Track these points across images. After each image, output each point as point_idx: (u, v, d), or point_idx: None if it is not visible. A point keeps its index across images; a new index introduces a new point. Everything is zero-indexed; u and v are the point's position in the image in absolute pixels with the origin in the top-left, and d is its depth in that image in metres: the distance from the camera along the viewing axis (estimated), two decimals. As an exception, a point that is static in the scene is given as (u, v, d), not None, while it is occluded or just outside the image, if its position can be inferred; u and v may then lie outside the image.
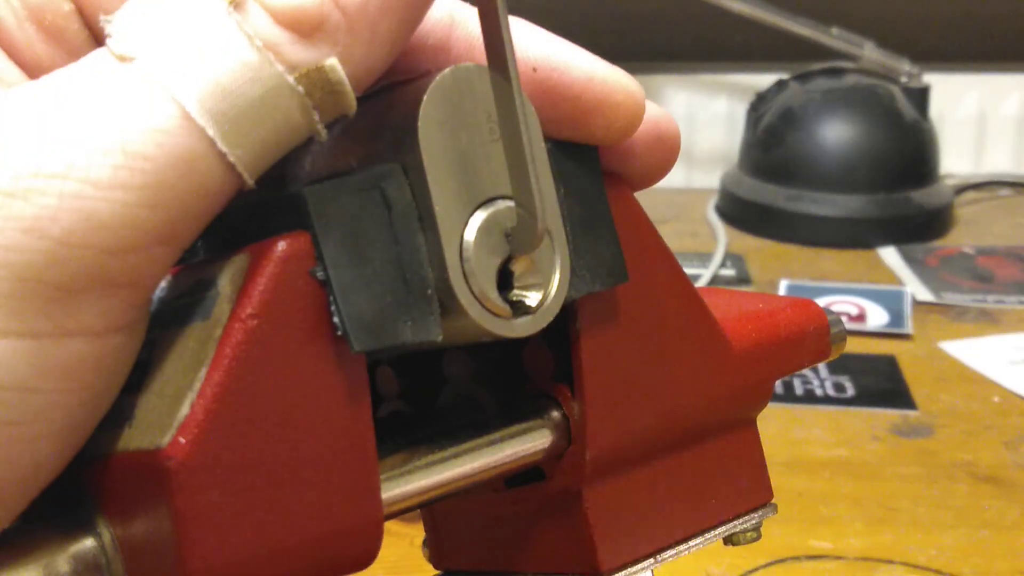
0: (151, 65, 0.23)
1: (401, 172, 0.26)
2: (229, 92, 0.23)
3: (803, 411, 0.87)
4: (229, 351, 0.23)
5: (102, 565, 0.24)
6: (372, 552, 0.26)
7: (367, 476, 0.25)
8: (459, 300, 0.26)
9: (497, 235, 0.26)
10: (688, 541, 0.32)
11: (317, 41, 0.23)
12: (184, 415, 0.23)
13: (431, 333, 0.25)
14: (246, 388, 0.23)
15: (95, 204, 0.22)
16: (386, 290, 0.25)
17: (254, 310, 0.24)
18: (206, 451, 0.23)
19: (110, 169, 0.22)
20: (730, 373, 0.32)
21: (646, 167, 0.30)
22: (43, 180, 0.22)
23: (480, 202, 0.26)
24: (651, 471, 0.31)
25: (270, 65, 0.23)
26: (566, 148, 0.28)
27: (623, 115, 0.28)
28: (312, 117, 0.24)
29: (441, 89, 0.26)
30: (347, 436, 0.25)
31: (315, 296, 0.24)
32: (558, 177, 0.28)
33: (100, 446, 0.24)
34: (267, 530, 0.24)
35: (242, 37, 0.23)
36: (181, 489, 0.23)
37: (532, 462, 0.30)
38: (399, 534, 0.62)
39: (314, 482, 0.24)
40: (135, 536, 0.24)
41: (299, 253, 0.24)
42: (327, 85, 0.24)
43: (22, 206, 0.21)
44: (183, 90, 0.22)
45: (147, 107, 0.22)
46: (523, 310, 0.27)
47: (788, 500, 0.74)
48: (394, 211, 0.25)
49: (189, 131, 0.22)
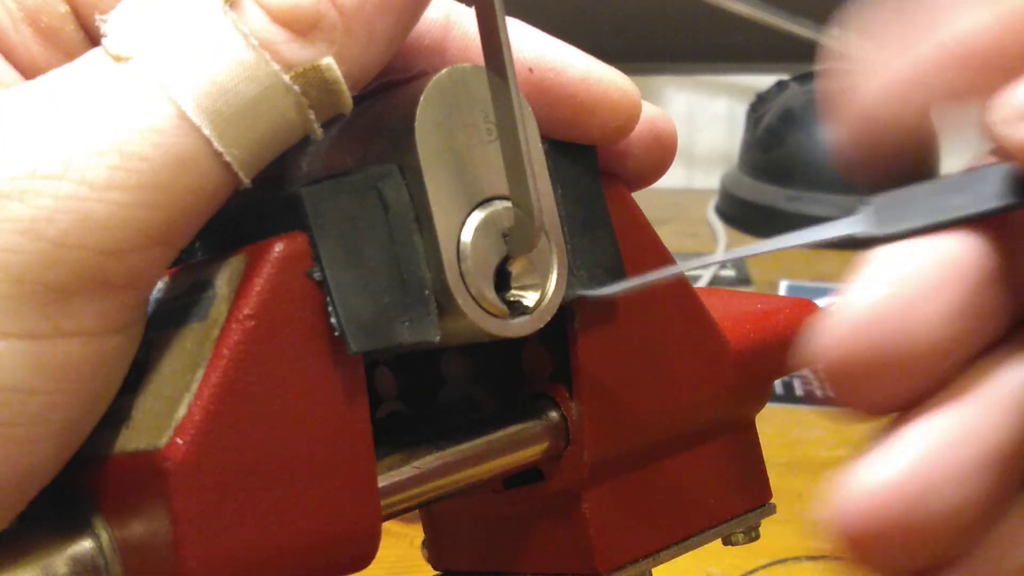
0: (146, 65, 0.23)
1: (398, 172, 0.26)
2: (225, 91, 0.23)
3: (803, 411, 0.87)
4: (227, 352, 0.23)
5: (100, 566, 0.24)
6: (370, 552, 0.26)
7: (365, 476, 0.25)
8: (456, 300, 0.26)
9: (494, 235, 0.26)
10: (687, 541, 0.32)
11: (313, 40, 0.23)
12: (182, 416, 0.23)
13: (428, 333, 0.25)
14: (243, 389, 0.23)
15: (91, 205, 0.22)
16: (383, 290, 0.25)
17: (251, 311, 0.24)
18: (203, 452, 0.23)
19: (106, 170, 0.22)
20: (728, 374, 0.32)
21: (643, 167, 0.30)
22: (39, 181, 0.22)
23: (477, 202, 0.26)
24: (649, 471, 0.31)
25: (266, 64, 0.23)
26: (563, 148, 0.29)
27: (620, 115, 0.28)
28: (308, 116, 0.24)
29: (438, 89, 0.26)
30: (345, 437, 0.25)
31: (312, 297, 0.24)
32: (555, 177, 0.28)
33: (98, 447, 0.24)
34: (265, 531, 0.24)
35: (238, 36, 0.23)
36: (179, 490, 0.23)
37: (530, 463, 0.30)
38: (399, 534, 0.62)
39: (312, 483, 0.24)
40: (133, 537, 0.24)
41: (296, 254, 0.24)
42: (323, 84, 0.24)
43: (18, 207, 0.21)
44: (179, 90, 0.22)
45: (143, 107, 0.22)
46: (520, 310, 0.27)
47: (788, 501, 0.74)
48: (391, 211, 0.25)
49: (185, 131, 0.22)
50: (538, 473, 0.31)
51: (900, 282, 0.21)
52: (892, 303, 0.21)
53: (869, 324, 0.21)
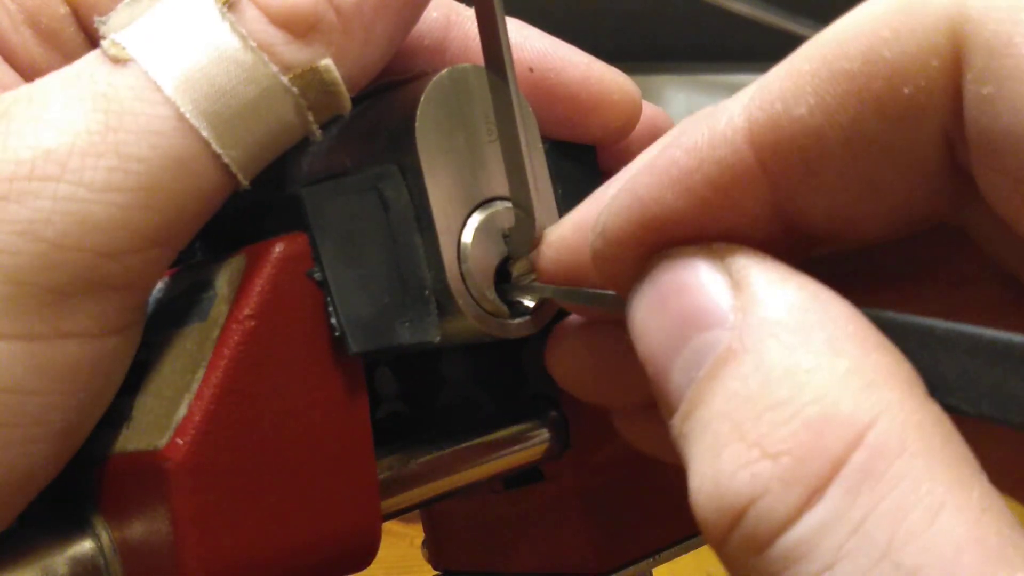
0: (145, 66, 0.23)
1: (398, 173, 0.26)
2: (223, 93, 0.23)
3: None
4: (227, 352, 0.23)
5: (100, 567, 0.24)
6: (371, 552, 0.26)
7: (365, 477, 0.25)
8: (456, 301, 0.26)
9: (495, 236, 0.26)
10: (686, 541, 0.32)
11: (311, 41, 0.23)
12: (182, 416, 0.23)
13: (429, 334, 0.25)
14: (244, 389, 0.23)
15: (89, 206, 0.22)
16: (383, 291, 0.25)
17: (251, 311, 0.24)
18: (204, 452, 0.23)
19: (104, 171, 0.22)
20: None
21: (643, 166, 0.30)
22: (37, 183, 0.22)
23: (478, 203, 0.26)
24: (649, 471, 0.31)
25: (264, 66, 0.23)
26: (564, 148, 0.29)
27: (620, 114, 0.28)
28: (307, 118, 0.24)
29: (438, 90, 0.26)
30: (345, 437, 0.25)
31: (312, 297, 0.24)
32: (556, 177, 0.28)
33: (98, 447, 0.24)
34: (265, 530, 0.23)
35: (236, 38, 0.23)
36: (179, 490, 0.22)
37: (530, 463, 0.30)
38: (399, 534, 0.62)
39: (312, 483, 0.24)
40: (133, 537, 0.24)
41: (296, 254, 0.24)
42: (321, 86, 0.24)
43: (16, 209, 0.21)
44: (177, 91, 0.22)
45: (141, 109, 0.22)
46: (521, 311, 0.27)
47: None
48: (391, 212, 0.25)
49: (183, 132, 0.22)
50: (538, 473, 0.31)
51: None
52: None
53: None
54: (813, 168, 0.19)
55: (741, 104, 0.19)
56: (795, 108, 0.19)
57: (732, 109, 0.19)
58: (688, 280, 0.20)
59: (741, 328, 0.18)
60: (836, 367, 0.17)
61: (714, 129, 0.19)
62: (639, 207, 0.20)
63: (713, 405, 0.18)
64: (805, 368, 0.17)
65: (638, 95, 0.29)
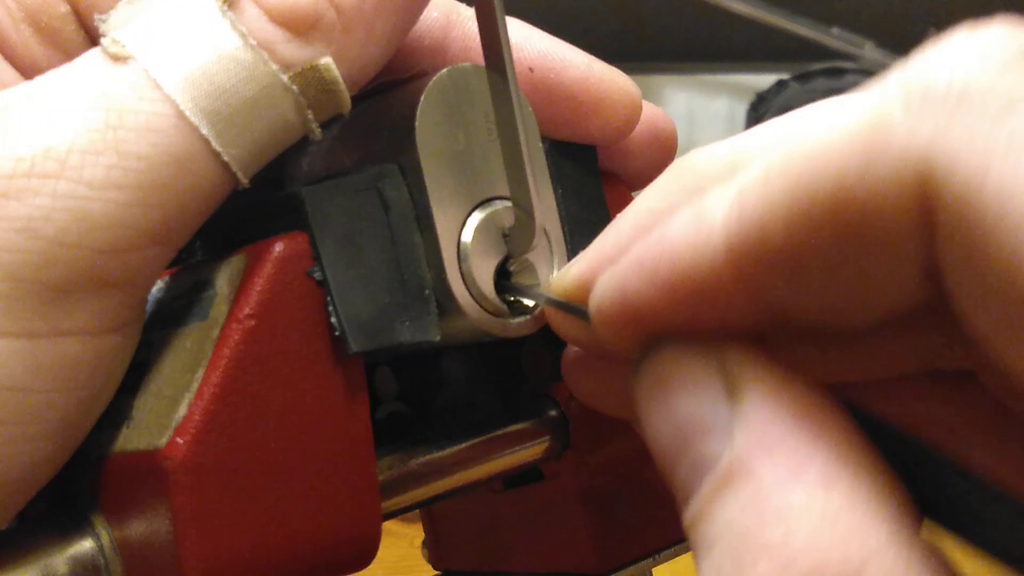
0: (145, 64, 0.23)
1: (398, 172, 0.26)
2: (223, 91, 0.23)
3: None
4: (227, 352, 0.23)
5: (100, 566, 0.24)
6: (371, 552, 0.26)
7: (365, 476, 0.25)
8: (457, 300, 0.26)
9: (495, 235, 0.26)
10: (686, 541, 0.32)
11: (312, 40, 0.23)
12: (182, 416, 0.23)
13: (429, 333, 0.25)
14: (244, 389, 0.23)
15: (89, 204, 0.22)
16: (383, 290, 0.25)
17: (251, 311, 0.24)
18: (204, 452, 0.23)
19: (104, 169, 0.22)
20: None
21: (643, 166, 0.30)
22: (37, 180, 0.22)
23: (478, 202, 0.26)
24: (650, 471, 0.31)
25: (264, 64, 0.23)
26: (564, 148, 0.29)
27: (620, 114, 0.28)
28: (306, 116, 0.24)
29: (438, 89, 0.26)
30: (345, 436, 0.25)
31: (313, 296, 0.24)
32: (556, 177, 0.28)
33: (98, 446, 0.24)
34: (265, 530, 0.23)
35: (236, 36, 0.23)
36: (179, 489, 0.22)
37: (530, 462, 0.30)
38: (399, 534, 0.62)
39: (312, 482, 0.24)
40: (133, 537, 0.24)
41: (296, 253, 0.24)
42: (321, 84, 0.24)
43: (16, 206, 0.21)
44: (177, 89, 0.22)
45: (141, 106, 0.22)
46: (521, 310, 0.27)
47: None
48: (392, 211, 0.25)
49: (183, 130, 0.22)
50: (538, 473, 0.31)
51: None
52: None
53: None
54: (796, 276, 0.19)
55: (722, 213, 0.19)
56: (772, 232, 0.18)
57: (714, 213, 0.19)
58: (686, 383, 0.20)
59: (739, 450, 0.18)
60: (828, 506, 0.17)
61: (696, 237, 0.19)
62: (629, 301, 0.21)
63: (715, 526, 0.18)
64: (798, 507, 0.17)
65: (638, 95, 0.29)
